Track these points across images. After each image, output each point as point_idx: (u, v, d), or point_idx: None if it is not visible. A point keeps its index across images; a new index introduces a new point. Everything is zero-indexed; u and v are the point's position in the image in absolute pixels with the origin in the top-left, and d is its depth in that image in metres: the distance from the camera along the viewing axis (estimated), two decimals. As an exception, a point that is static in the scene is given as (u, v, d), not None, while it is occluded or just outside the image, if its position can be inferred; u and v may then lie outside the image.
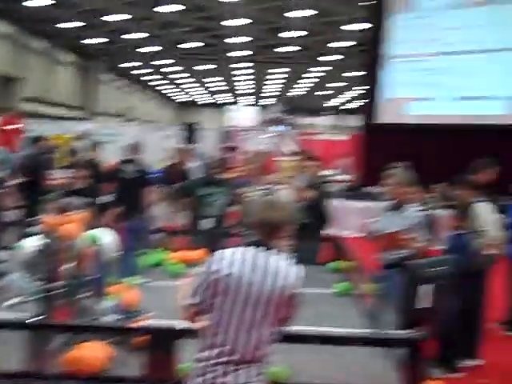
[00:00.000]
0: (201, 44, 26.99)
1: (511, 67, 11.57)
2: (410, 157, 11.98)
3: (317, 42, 25.70)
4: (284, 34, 24.46)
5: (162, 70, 34.51)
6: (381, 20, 13.10)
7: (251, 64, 31.48)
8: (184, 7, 20.66)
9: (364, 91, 14.21)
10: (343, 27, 22.62)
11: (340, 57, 27.98)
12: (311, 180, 7.22)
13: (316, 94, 39.43)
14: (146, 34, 24.87)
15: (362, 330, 3.92)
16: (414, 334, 3.54)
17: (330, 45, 25.83)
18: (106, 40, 26.11)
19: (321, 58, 28.92)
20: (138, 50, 28.04)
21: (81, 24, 23.04)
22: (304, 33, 23.95)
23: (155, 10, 20.63)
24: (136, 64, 32.06)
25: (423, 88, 12.77)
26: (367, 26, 14.54)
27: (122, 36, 25.20)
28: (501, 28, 11.66)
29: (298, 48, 27.16)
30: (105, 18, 22.10)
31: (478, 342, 5.75)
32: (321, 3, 20.05)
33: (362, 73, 15.45)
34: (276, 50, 27.61)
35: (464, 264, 5.07)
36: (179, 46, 26.95)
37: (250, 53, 28.46)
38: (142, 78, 37.68)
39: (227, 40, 25.76)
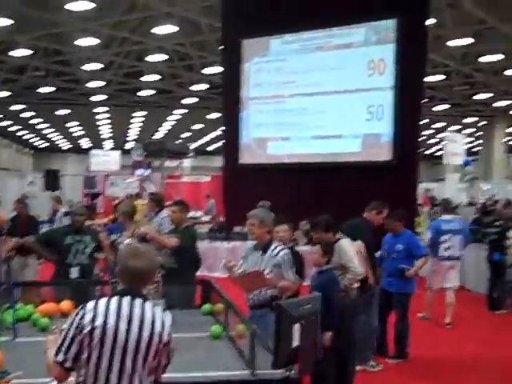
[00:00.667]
0: (57, 87, 26.43)
1: (360, 107, 12.18)
2: (270, 196, 12.41)
3: (176, 85, 25.99)
4: (143, 78, 24.56)
5: (20, 115, 33.37)
6: (236, 63, 13.41)
7: (111, 108, 31.24)
8: (37, 52, 20.21)
9: (224, 132, 14.45)
10: (201, 70, 23.09)
11: (198, 99, 28.44)
12: (178, 224, 7.18)
13: (178, 136, 39.72)
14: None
15: (237, 371, 3.91)
16: (288, 373, 3.56)
17: (190, 87, 26.20)
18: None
19: (181, 101, 29.24)
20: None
21: None
22: (160, 76, 24.23)
23: (8, 54, 20.01)
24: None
25: (280, 128, 13.07)
26: (223, 69, 14.87)
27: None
28: (346, 71, 12.30)
29: (156, 91, 27.34)
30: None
31: (351, 378, 5.90)
32: (176, 47, 20.37)
33: (221, 115, 15.74)
34: (135, 93, 27.61)
35: (332, 300, 5.22)
36: (36, 90, 26.23)
37: (109, 97, 28.25)
38: (-2, 125, 36.18)
39: (85, 84, 25.43)
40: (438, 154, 45.53)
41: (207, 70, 23.02)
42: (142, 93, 27.50)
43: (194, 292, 6.55)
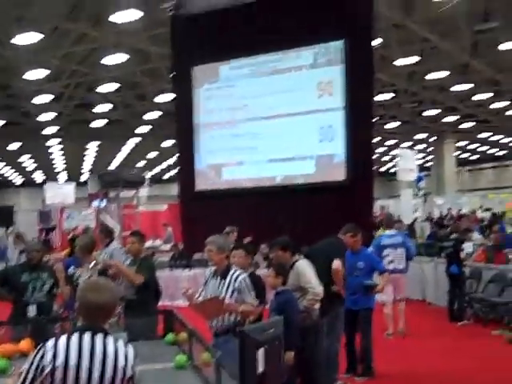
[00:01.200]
0: (7, 121, 26.13)
1: (312, 128, 12.29)
2: (228, 221, 12.37)
3: (128, 114, 25.98)
4: (94, 109, 24.50)
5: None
6: (187, 90, 13.42)
7: (63, 140, 31.00)
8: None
9: (179, 160, 14.41)
10: (153, 99, 23.14)
11: (152, 127, 28.46)
12: (136, 255, 7.11)
13: (134, 165, 39.51)
14: None
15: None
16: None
17: (143, 116, 26.22)
18: None
19: (134, 130, 29.22)
20: None
21: None
22: (112, 106, 24.23)
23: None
24: None
25: (234, 153, 13.09)
26: (174, 96, 14.91)
27: None
28: (297, 93, 12.43)
29: (109, 121, 27.29)
30: None
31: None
32: (127, 77, 20.39)
33: (174, 141, 15.75)
34: (87, 124, 27.49)
35: (292, 320, 5.23)
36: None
37: (61, 128, 28.05)
38: None
39: (36, 117, 25.21)
40: (392, 170, 46.33)
41: (159, 98, 23.04)
42: (95, 123, 27.33)
43: (156, 322, 6.48)
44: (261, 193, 12.68)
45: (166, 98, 22.13)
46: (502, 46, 18.55)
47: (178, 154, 14.34)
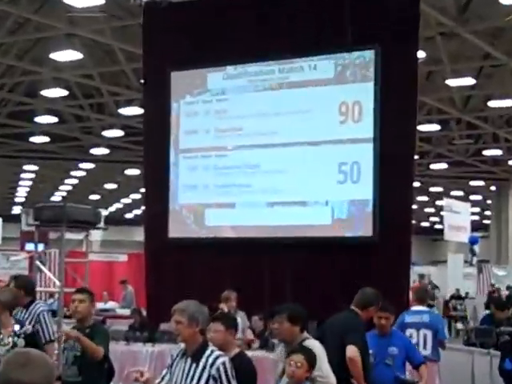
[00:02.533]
0: None
1: (329, 165, 12.34)
2: (210, 282, 12.34)
3: (80, 131, 26.11)
4: (35, 119, 24.66)
5: None
6: (161, 103, 13.45)
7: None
8: None
9: (146, 196, 14.42)
10: (115, 111, 23.26)
11: (110, 150, 28.47)
12: (83, 319, 7.08)
13: (84, 199, 39.38)
14: None
15: None
16: None
17: (100, 134, 26.31)
18: None
19: (88, 151, 29.30)
20: None
21: None
22: (58, 118, 24.44)
23: None
24: None
25: (222, 191, 13.09)
26: (143, 110, 14.91)
27: None
28: (311, 116, 12.49)
29: (53, 138, 27.40)
30: None
31: None
32: (80, 80, 20.53)
33: (140, 173, 15.69)
34: (25, 139, 27.61)
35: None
36: None
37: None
38: None
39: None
40: (437, 227, 46.31)
41: (123, 111, 23.16)
42: (34, 139, 27.39)
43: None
44: (256, 247, 12.67)
45: (132, 111, 22.28)
46: None
47: (144, 188, 14.37)
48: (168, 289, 12.61)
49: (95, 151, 29.01)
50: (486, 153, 29.96)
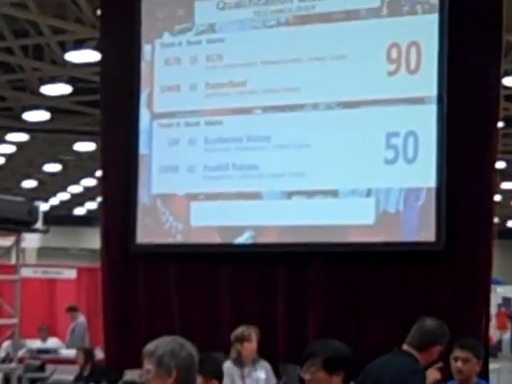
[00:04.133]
0: None
1: (373, 136, 12.37)
2: (196, 306, 12.46)
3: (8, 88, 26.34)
4: None
5: None
6: (127, 45, 13.52)
7: None
8: None
9: (103, 183, 14.48)
10: (60, 56, 23.42)
11: (51, 115, 28.63)
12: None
13: (12, 188, 39.63)
14: None
15: None
16: None
17: (36, 91, 26.52)
18: None
19: (21, 116, 29.56)
20: None
21: None
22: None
23: None
24: None
25: (216, 175, 13.12)
26: (100, 55, 14.97)
27: None
28: (344, 64, 12.56)
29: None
30: None
31: None
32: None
33: (95, 145, 15.71)
34: None
35: None
36: None
37: None
38: None
39: None
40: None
41: (70, 56, 23.14)
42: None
43: None
44: (263, 257, 12.77)
45: (85, 57, 22.25)
46: None
47: (102, 171, 14.44)
48: (136, 318, 12.68)
49: (30, 116, 29.00)
50: None
